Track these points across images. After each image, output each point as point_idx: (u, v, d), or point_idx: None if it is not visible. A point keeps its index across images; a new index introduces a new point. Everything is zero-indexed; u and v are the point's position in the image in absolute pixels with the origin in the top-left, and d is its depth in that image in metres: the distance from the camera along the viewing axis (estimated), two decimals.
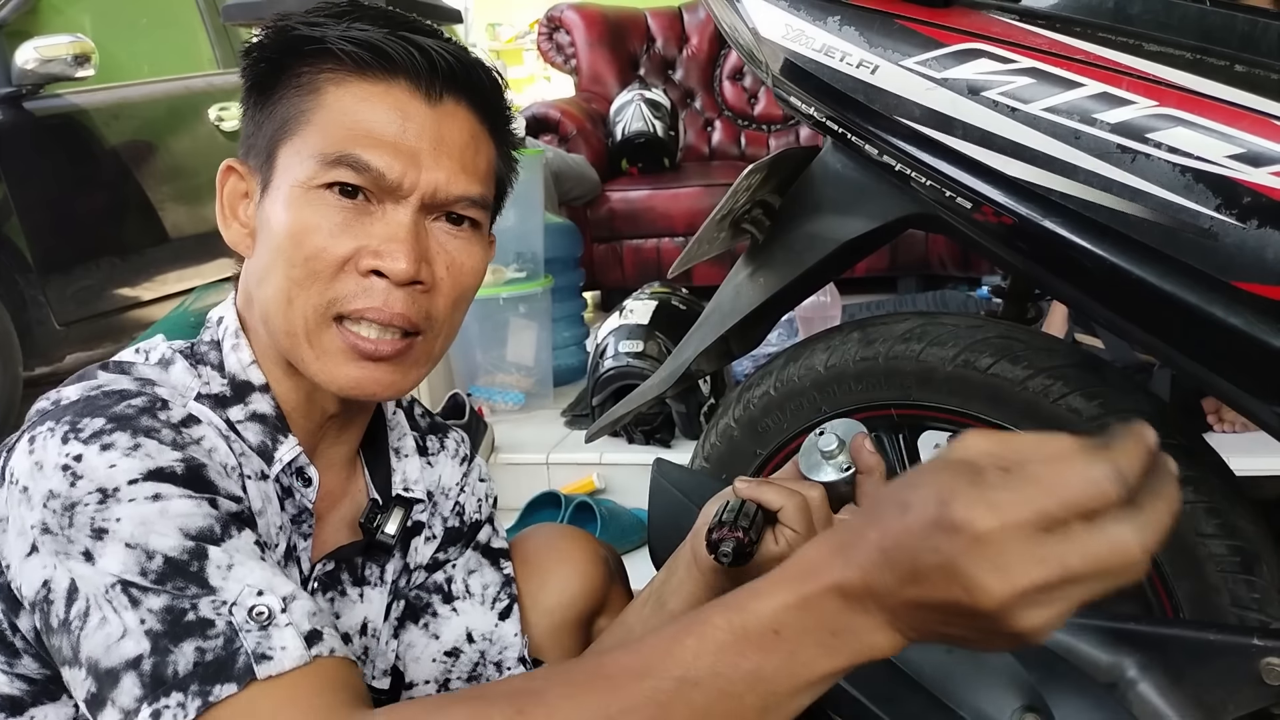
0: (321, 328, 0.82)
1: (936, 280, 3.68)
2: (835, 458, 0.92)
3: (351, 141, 0.80)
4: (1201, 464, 0.98)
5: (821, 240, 1.08)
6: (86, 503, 0.69)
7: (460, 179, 0.84)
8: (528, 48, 6.80)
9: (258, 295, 0.84)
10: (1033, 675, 0.96)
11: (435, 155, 0.82)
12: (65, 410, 0.74)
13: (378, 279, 0.81)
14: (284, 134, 0.83)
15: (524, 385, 2.81)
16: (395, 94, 0.82)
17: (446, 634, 1.00)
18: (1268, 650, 0.89)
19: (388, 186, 0.81)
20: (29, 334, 3.22)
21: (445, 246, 0.85)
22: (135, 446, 0.71)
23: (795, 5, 0.98)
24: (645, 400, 1.25)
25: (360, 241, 0.81)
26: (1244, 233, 0.80)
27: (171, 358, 0.85)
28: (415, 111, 0.82)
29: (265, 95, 0.85)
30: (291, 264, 0.81)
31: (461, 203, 0.84)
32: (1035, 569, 0.50)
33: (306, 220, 0.80)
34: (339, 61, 0.82)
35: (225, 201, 0.88)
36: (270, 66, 0.85)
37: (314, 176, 0.80)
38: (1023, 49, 0.88)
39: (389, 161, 0.80)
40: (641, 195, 3.80)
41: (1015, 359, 1.03)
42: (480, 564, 1.05)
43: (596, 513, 2.23)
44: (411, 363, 0.85)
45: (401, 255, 0.80)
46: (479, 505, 1.06)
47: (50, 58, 3.23)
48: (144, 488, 0.70)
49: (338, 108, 0.82)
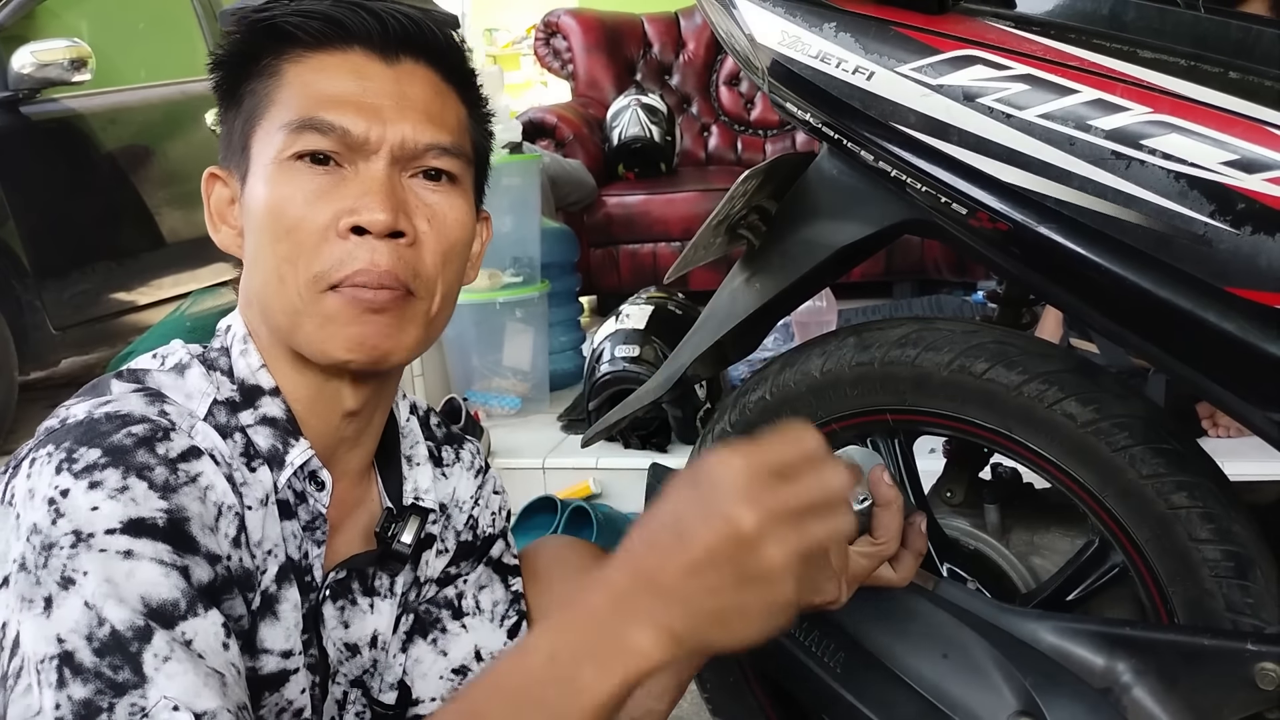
0: (316, 300, 0.81)
1: (932, 285, 3.69)
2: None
3: (313, 106, 0.81)
4: (1196, 469, 0.98)
5: (817, 246, 1.08)
6: (62, 545, 0.68)
7: (427, 128, 0.83)
8: (525, 53, 6.81)
9: (252, 286, 0.84)
10: (1027, 680, 0.97)
11: (399, 109, 0.82)
12: (68, 433, 0.73)
13: (360, 237, 0.80)
14: (252, 122, 0.84)
15: (520, 390, 2.81)
16: (352, 59, 0.83)
17: (455, 651, 0.99)
18: (1262, 655, 0.90)
19: (355, 143, 0.81)
20: (25, 338, 3.22)
21: (424, 200, 0.84)
22: (122, 489, 0.70)
23: (791, 11, 0.98)
24: (641, 405, 1.25)
25: (337, 204, 0.81)
26: (1238, 239, 0.80)
27: (188, 363, 0.85)
28: (374, 72, 0.83)
29: (233, 95, 0.86)
30: (276, 240, 0.81)
31: (432, 151, 0.84)
32: (777, 494, 0.62)
33: (282, 192, 0.81)
34: (295, 42, 0.83)
35: (213, 209, 0.88)
36: (234, 66, 0.86)
37: (283, 148, 0.81)
38: (1018, 55, 0.89)
39: (352, 118, 0.81)
40: (638, 200, 3.81)
41: (1010, 364, 1.03)
42: (491, 579, 1.03)
43: (592, 518, 2.22)
44: (411, 317, 0.84)
45: (377, 206, 0.80)
46: (492, 519, 1.05)
47: (47, 62, 3.23)
48: (119, 541, 0.69)
49: (298, 82, 0.83)
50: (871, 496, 0.91)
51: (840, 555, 0.89)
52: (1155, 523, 0.98)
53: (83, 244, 3.45)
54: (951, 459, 1.24)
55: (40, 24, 3.55)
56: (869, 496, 0.91)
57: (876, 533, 0.91)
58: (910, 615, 1.01)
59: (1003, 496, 1.19)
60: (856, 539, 0.92)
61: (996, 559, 1.18)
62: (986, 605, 1.02)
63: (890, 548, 0.92)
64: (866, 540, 0.92)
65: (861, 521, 0.92)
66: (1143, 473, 0.98)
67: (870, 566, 0.92)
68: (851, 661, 1.02)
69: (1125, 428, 0.98)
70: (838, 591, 0.89)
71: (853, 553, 0.91)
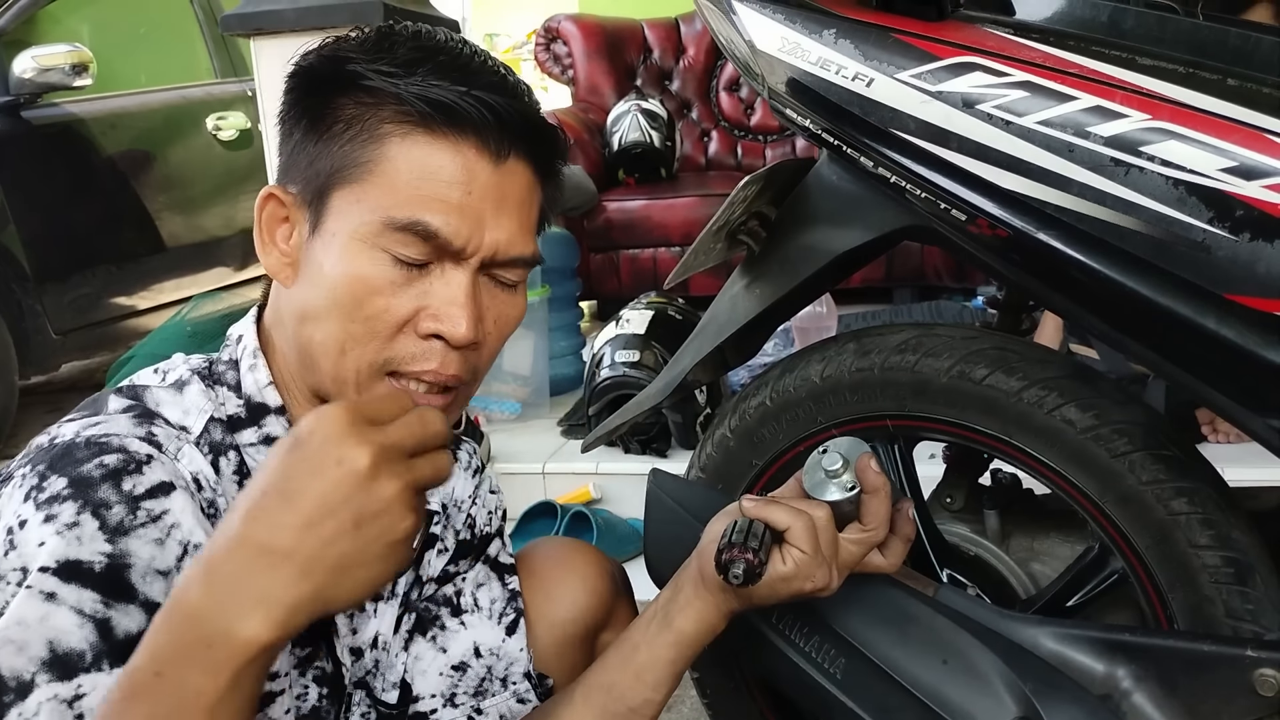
0: (372, 381, 0.82)
1: (932, 291, 3.69)
2: (839, 476, 0.92)
3: (419, 204, 0.79)
4: (1196, 475, 0.98)
5: (817, 252, 1.08)
6: (9, 580, 0.70)
7: (519, 240, 0.84)
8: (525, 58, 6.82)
9: (300, 331, 0.83)
10: (1027, 685, 0.97)
11: (496, 216, 0.82)
12: (46, 456, 0.74)
13: (436, 341, 0.81)
14: (342, 178, 0.81)
15: (520, 395, 2.81)
16: (463, 154, 0.80)
17: (454, 648, 1.00)
18: (1261, 661, 0.90)
19: (451, 250, 0.81)
20: (25, 343, 3.22)
21: (495, 302, 0.85)
22: (72, 525, 0.70)
23: (791, 18, 0.98)
24: (641, 410, 1.25)
25: (420, 303, 0.81)
26: (1237, 246, 0.80)
27: (188, 379, 0.85)
28: (481, 171, 0.81)
29: (316, 127, 0.82)
30: (350, 319, 0.80)
31: (517, 263, 0.85)
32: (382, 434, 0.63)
33: (367, 276, 0.79)
34: (403, 111, 0.80)
35: (264, 227, 0.86)
36: (322, 97, 0.82)
37: (377, 236, 0.79)
38: (1017, 63, 0.89)
39: (456, 227, 0.80)
40: (638, 205, 3.81)
41: (1010, 370, 1.03)
42: (489, 577, 1.05)
43: (592, 523, 2.23)
44: (453, 409, 0.86)
45: (463, 320, 0.81)
46: (489, 518, 1.07)
47: (48, 67, 3.24)
48: (47, 581, 0.69)
49: (403, 163, 0.79)
50: (859, 483, 0.92)
51: (831, 543, 0.90)
52: (1155, 529, 0.98)
53: (83, 248, 3.45)
54: (951, 465, 1.24)
55: (42, 29, 3.55)
56: (857, 484, 0.91)
57: (865, 519, 0.93)
58: (910, 621, 1.01)
59: (1002, 502, 1.19)
60: (846, 526, 0.93)
61: (996, 565, 1.18)
62: (986, 611, 1.02)
63: (879, 534, 0.94)
64: (856, 527, 0.93)
65: (850, 509, 0.93)
66: (1142, 479, 0.98)
67: (860, 553, 0.94)
68: (851, 667, 1.02)
69: (1125, 434, 0.99)
70: (828, 578, 0.91)
71: (842, 540, 0.93)
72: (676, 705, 1.72)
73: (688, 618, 0.94)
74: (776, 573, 0.89)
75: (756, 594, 0.91)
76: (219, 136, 3.93)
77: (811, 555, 0.89)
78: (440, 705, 0.99)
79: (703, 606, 0.93)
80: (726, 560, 0.86)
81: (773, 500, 0.93)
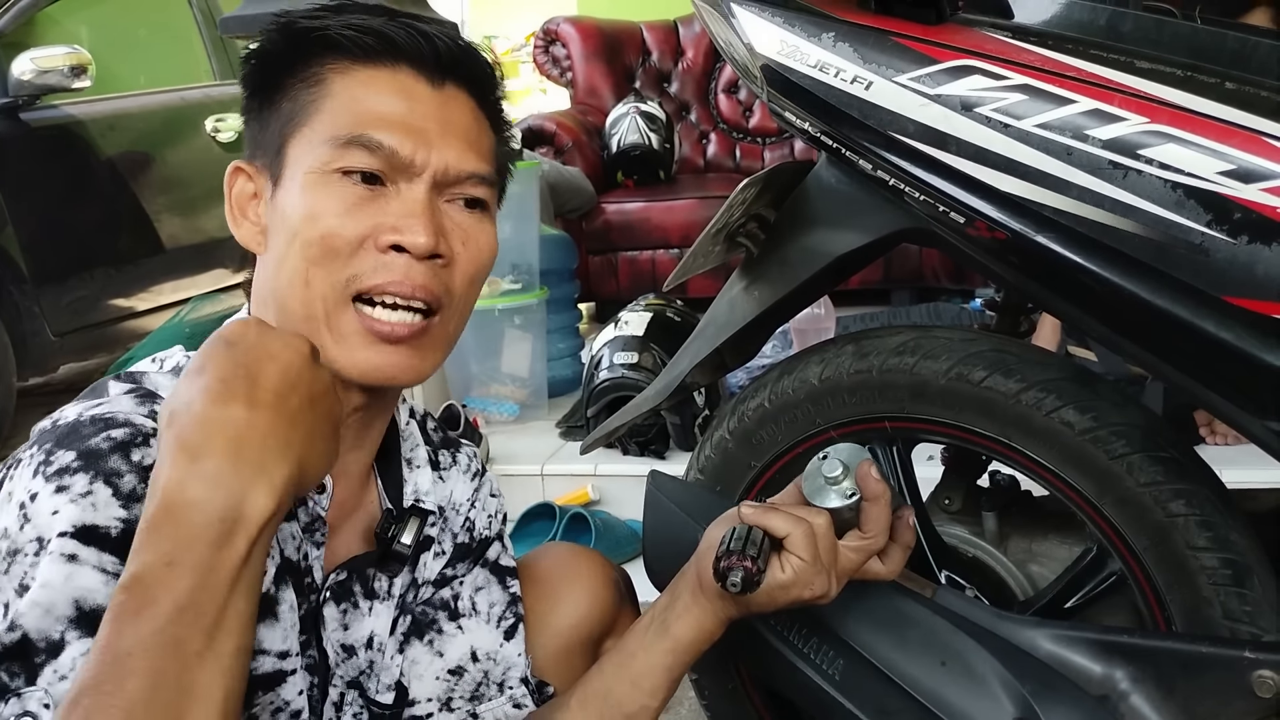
0: (340, 308, 0.82)
1: (930, 293, 3.69)
2: (840, 483, 0.92)
3: (362, 123, 0.82)
4: (1194, 477, 0.98)
5: (816, 254, 1.09)
6: (26, 552, 0.70)
7: (469, 156, 0.85)
8: (524, 60, 6.82)
9: (274, 285, 0.85)
10: (1025, 687, 0.97)
11: (443, 135, 0.84)
12: (51, 435, 0.75)
13: (397, 254, 0.82)
14: (292, 126, 0.84)
15: (519, 396, 2.81)
16: (400, 78, 0.84)
17: (451, 652, 1.00)
18: (1259, 663, 0.90)
19: (400, 164, 0.82)
20: (23, 344, 3.22)
21: (459, 223, 0.86)
22: (86, 494, 0.71)
23: (790, 21, 0.99)
24: (640, 412, 1.25)
25: (376, 219, 0.82)
26: (1235, 248, 0.81)
27: (185, 364, 0.86)
28: (420, 94, 0.84)
29: (269, 94, 0.86)
30: (308, 244, 0.81)
31: (471, 179, 0.86)
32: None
33: (322, 202, 0.81)
34: (342, 51, 0.84)
35: (234, 203, 0.88)
36: (273, 66, 0.86)
37: (328, 161, 0.82)
38: (1016, 66, 0.89)
39: (400, 139, 0.82)
40: (637, 207, 3.81)
41: (1008, 372, 1.03)
42: (488, 581, 1.04)
43: (591, 524, 2.23)
44: (429, 345, 0.86)
45: (420, 229, 0.81)
46: (489, 522, 1.06)
47: (47, 68, 3.23)
48: (67, 545, 0.69)
49: (345, 94, 0.83)
50: (860, 491, 0.92)
51: (830, 550, 0.90)
52: (1153, 530, 0.98)
53: (82, 250, 3.44)
54: (949, 467, 1.24)
55: (40, 30, 3.55)
56: (857, 491, 0.92)
57: (865, 527, 0.93)
58: (909, 623, 1.01)
59: (1001, 504, 1.20)
60: (845, 533, 0.93)
61: (995, 566, 1.18)
62: (984, 613, 1.02)
63: (879, 541, 0.94)
64: (855, 534, 0.93)
65: (850, 516, 0.93)
66: (1140, 480, 0.98)
67: (859, 560, 0.94)
68: (850, 669, 1.02)
69: (1123, 435, 0.99)
70: (827, 585, 0.91)
71: (842, 547, 0.93)
72: (675, 707, 1.72)
73: (685, 625, 0.94)
74: (775, 580, 0.90)
75: (755, 601, 0.91)
76: (218, 138, 3.93)
77: (810, 563, 0.90)
78: (436, 709, 0.99)
79: (700, 613, 0.94)
80: (725, 568, 0.86)
81: (772, 507, 0.93)
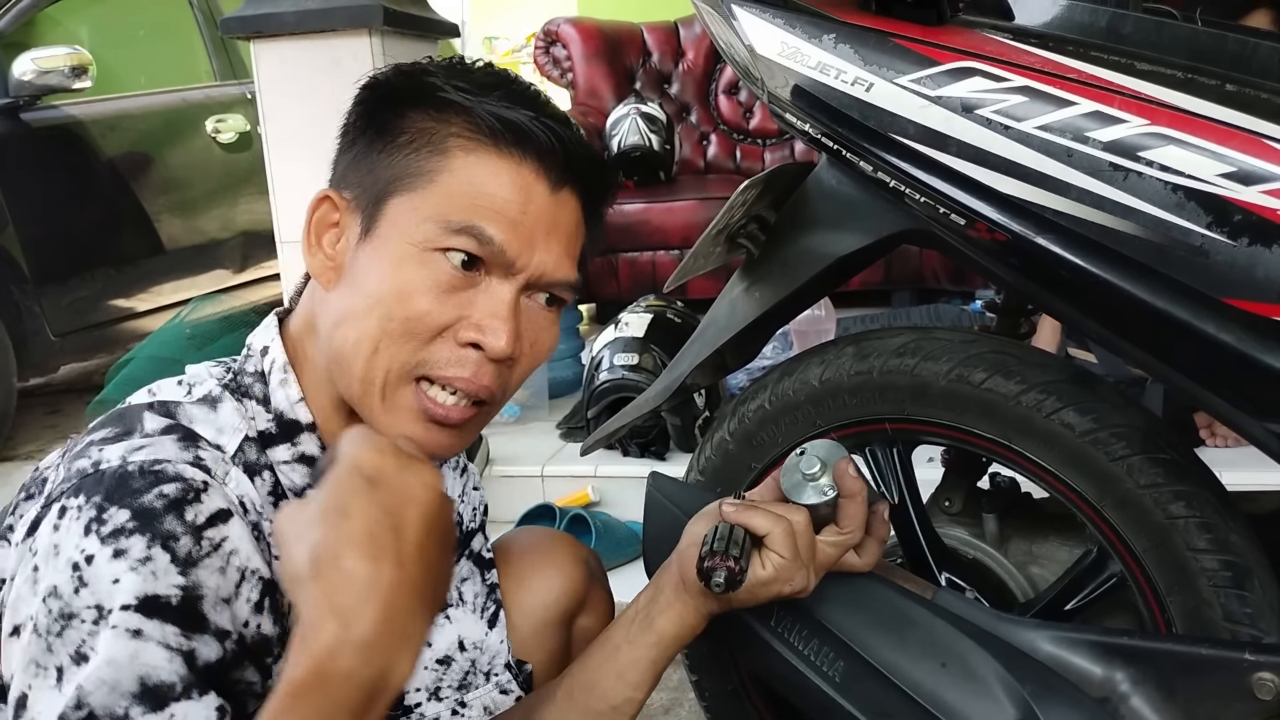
0: (400, 384, 0.82)
1: (930, 294, 3.69)
2: (817, 480, 0.94)
3: (477, 212, 0.81)
4: (1194, 479, 0.98)
5: (816, 255, 1.09)
6: (84, 619, 0.70)
7: (565, 265, 0.86)
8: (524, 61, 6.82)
9: (336, 336, 0.84)
10: (1025, 689, 0.97)
11: (548, 239, 0.84)
12: (99, 484, 0.73)
13: (473, 350, 0.82)
14: (401, 186, 0.82)
15: (519, 398, 2.81)
16: (524, 174, 0.83)
17: (439, 641, 1.02)
18: (1259, 665, 0.90)
19: (503, 262, 0.82)
20: (24, 345, 3.22)
21: (534, 322, 0.87)
22: (145, 560, 0.71)
23: (791, 23, 0.99)
24: (641, 413, 1.25)
25: (463, 312, 0.82)
26: (1235, 250, 0.80)
27: (219, 395, 0.85)
28: (539, 194, 0.84)
29: (381, 136, 0.84)
30: (389, 318, 0.81)
31: (560, 287, 0.87)
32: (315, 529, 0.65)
33: (416, 280, 0.81)
34: (472, 126, 0.82)
35: (313, 228, 0.87)
36: (393, 110, 0.84)
37: (432, 239, 0.81)
38: (1016, 68, 0.89)
39: (509, 238, 0.82)
40: (637, 209, 3.81)
41: (1009, 374, 1.03)
42: (472, 572, 1.07)
43: (591, 525, 2.23)
44: (473, 428, 0.87)
45: (503, 333, 0.82)
46: (473, 514, 1.09)
47: (48, 69, 3.23)
48: (131, 619, 0.70)
49: (465, 175, 0.82)
50: (837, 488, 0.93)
51: (809, 547, 0.93)
52: (1153, 532, 0.98)
53: (82, 250, 3.45)
54: (950, 468, 1.24)
55: (41, 31, 3.55)
56: (835, 488, 0.94)
57: (842, 523, 0.95)
58: (909, 624, 1.01)
59: (1001, 506, 1.20)
60: (823, 528, 0.96)
61: (995, 568, 1.18)
62: (985, 614, 1.02)
63: (855, 536, 0.96)
64: (832, 530, 0.96)
65: (827, 512, 0.95)
66: (1140, 482, 0.98)
67: (836, 555, 0.97)
68: (850, 670, 1.02)
69: (1123, 437, 0.99)
70: (806, 580, 0.94)
71: (819, 542, 0.95)
72: (675, 708, 1.72)
73: (668, 619, 0.96)
74: (756, 577, 0.92)
75: (736, 598, 0.93)
76: (218, 139, 3.93)
77: (790, 560, 0.92)
78: (425, 699, 1.01)
79: (683, 609, 0.96)
80: (708, 568, 0.88)
81: (752, 505, 0.94)
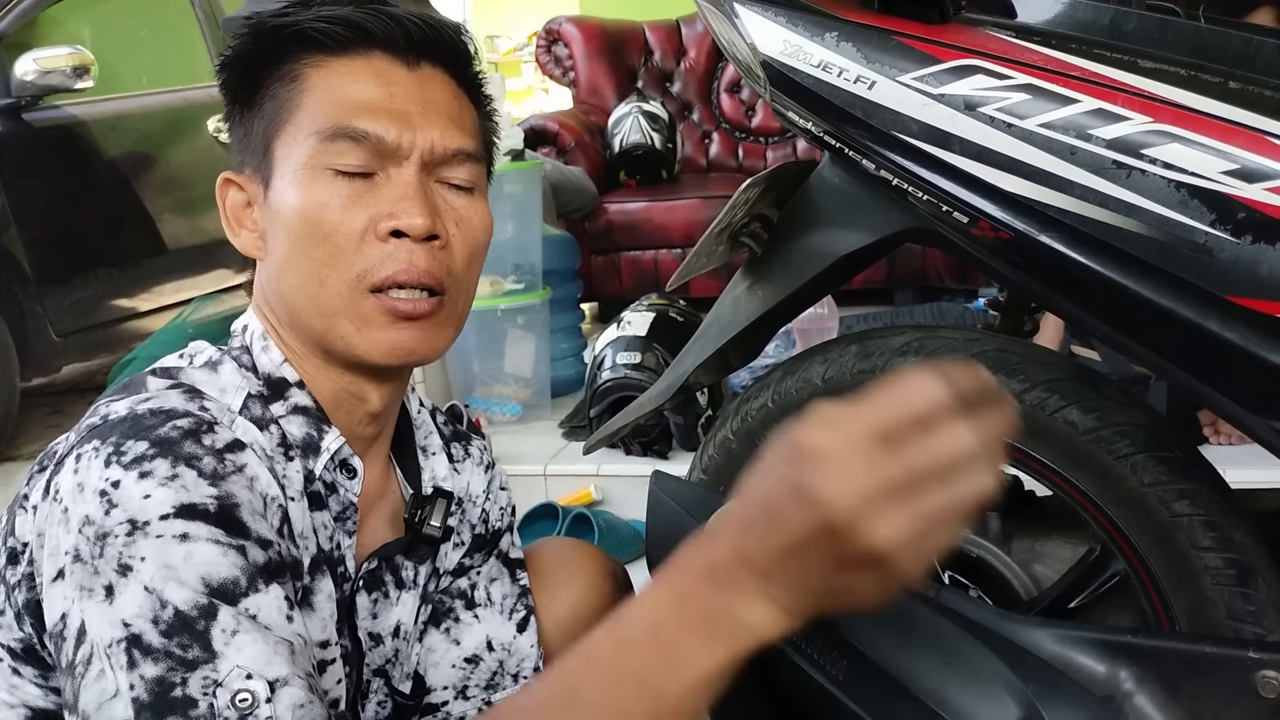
0: (359, 299, 0.83)
1: (933, 292, 3.69)
2: None
3: (344, 114, 0.83)
4: (1198, 477, 0.98)
5: (819, 254, 1.08)
6: (117, 534, 0.69)
7: (454, 133, 0.86)
8: (526, 60, 6.83)
9: (282, 288, 0.85)
10: (1029, 687, 0.96)
11: (425, 114, 0.85)
12: (112, 429, 0.74)
13: (398, 240, 0.83)
14: (276, 126, 0.85)
15: (522, 397, 2.81)
16: (375, 64, 0.85)
17: (467, 640, 1.02)
18: (1263, 663, 0.90)
19: (387, 150, 0.83)
20: (26, 345, 3.22)
21: (451, 204, 0.87)
22: (173, 476, 0.71)
23: (793, 21, 0.99)
24: (643, 412, 1.25)
25: (373, 209, 0.83)
26: (1239, 248, 0.80)
27: (219, 359, 0.87)
28: (397, 77, 0.85)
29: (249, 99, 0.87)
30: (314, 244, 0.82)
31: (458, 156, 0.87)
32: (876, 469, 0.53)
33: (317, 198, 0.82)
34: (315, 45, 0.85)
35: (229, 214, 0.89)
36: (249, 70, 0.87)
37: (315, 154, 0.82)
38: (1019, 65, 0.89)
39: (384, 125, 0.83)
40: (639, 207, 3.81)
41: (1012, 372, 1.03)
42: (501, 572, 1.06)
43: (594, 524, 2.23)
44: (443, 322, 0.87)
45: (415, 211, 0.82)
46: (501, 513, 1.08)
47: (49, 69, 3.23)
48: (174, 525, 0.69)
49: (322, 87, 0.84)
50: None
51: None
52: (1157, 530, 0.98)
53: (84, 250, 3.45)
54: None
55: (43, 31, 3.55)
56: None
57: None
58: (912, 623, 1.01)
59: (1004, 504, 1.20)
60: None
61: (998, 566, 1.18)
62: (988, 613, 1.02)
63: None
64: None
65: None
66: (1144, 480, 0.98)
67: None
68: (853, 669, 1.02)
69: (1127, 435, 0.99)
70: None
71: None
72: None
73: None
74: None
75: None
76: (220, 139, 3.93)
77: None
78: (452, 697, 1.01)
79: None
80: None
81: None
